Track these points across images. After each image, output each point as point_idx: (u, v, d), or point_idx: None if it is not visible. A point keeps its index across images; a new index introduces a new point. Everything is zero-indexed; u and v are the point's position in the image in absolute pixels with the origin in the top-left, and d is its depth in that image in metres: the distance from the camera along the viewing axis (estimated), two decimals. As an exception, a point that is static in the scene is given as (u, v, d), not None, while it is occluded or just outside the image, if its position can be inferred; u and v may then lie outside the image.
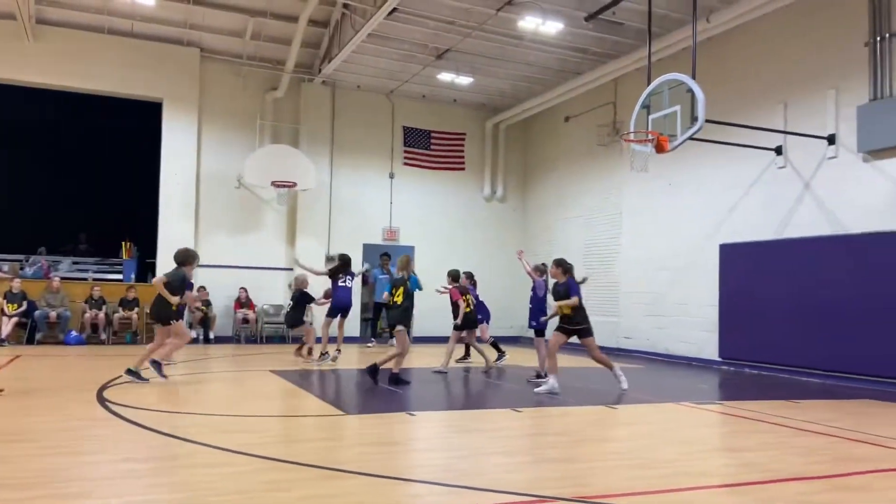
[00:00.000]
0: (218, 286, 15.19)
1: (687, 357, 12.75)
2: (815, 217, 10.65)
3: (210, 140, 15.52)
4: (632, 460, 4.98)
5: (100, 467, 4.48)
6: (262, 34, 14.83)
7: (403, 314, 8.96)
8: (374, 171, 17.02)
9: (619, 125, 14.51)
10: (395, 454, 5.16)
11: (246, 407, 7.06)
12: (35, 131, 18.30)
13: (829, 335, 10.17)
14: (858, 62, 10.06)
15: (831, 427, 6.42)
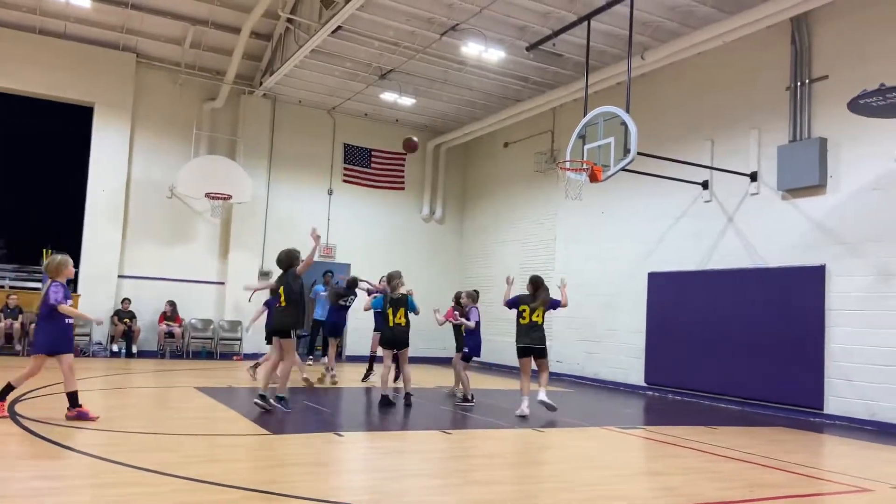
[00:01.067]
0: (144, 298, 14.68)
1: (614, 382, 13.05)
2: (737, 250, 11.15)
3: (143, 147, 15.08)
4: (556, 483, 5.06)
5: (7, 485, 4.24)
6: (202, 43, 14.57)
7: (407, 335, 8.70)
8: (313, 187, 16.86)
9: (557, 153, 14.88)
10: (322, 476, 5.08)
11: (166, 424, 6.83)
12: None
13: (746, 364, 10.61)
14: (780, 105, 10.65)
15: (746, 453, 6.68)
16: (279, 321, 8.10)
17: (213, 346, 15.26)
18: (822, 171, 9.92)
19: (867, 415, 9.11)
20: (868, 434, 8.55)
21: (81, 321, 6.69)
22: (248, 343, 15.65)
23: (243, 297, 15.51)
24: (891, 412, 8.85)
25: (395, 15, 11.93)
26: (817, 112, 10.16)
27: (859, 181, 9.55)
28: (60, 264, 6.68)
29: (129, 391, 9.46)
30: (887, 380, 8.94)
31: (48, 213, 17.91)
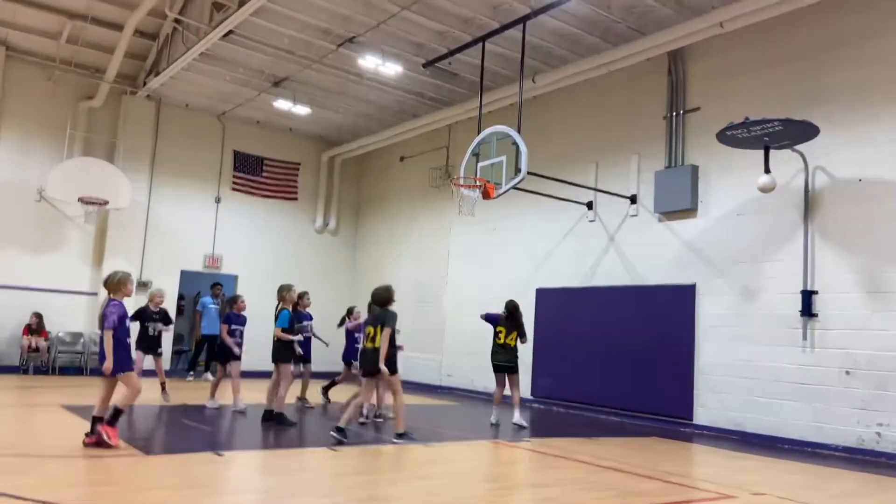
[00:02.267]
0: (5, 308, 13.51)
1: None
2: (618, 268, 11.71)
3: (9, 146, 13.93)
4: (441, 498, 5.08)
5: None
6: (80, 39, 13.68)
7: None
8: (199, 194, 16.19)
9: (451, 169, 15.08)
10: (197, 498, 4.84)
11: (28, 446, 6.29)
12: None
13: (626, 377, 11.13)
14: (658, 132, 11.33)
15: (622, 463, 6.99)
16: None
17: (83, 361, 14.26)
18: (694, 196, 10.63)
19: (732, 425, 9.77)
20: (733, 443, 9.17)
21: (106, 361, 6.18)
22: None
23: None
24: (753, 422, 9.54)
25: (290, 23, 11.72)
26: (690, 141, 10.89)
27: (726, 206, 10.30)
28: (121, 281, 6.49)
29: (-16, 411, 8.66)
30: (750, 392, 9.64)
31: None
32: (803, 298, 9.12)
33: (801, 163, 9.32)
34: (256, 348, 10.89)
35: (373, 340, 7.48)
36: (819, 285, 9.10)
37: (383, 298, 7.63)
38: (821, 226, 9.21)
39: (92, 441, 6.19)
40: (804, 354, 9.12)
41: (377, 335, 7.43)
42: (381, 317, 7.54)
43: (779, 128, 8.44)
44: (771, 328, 9.49)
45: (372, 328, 7.54)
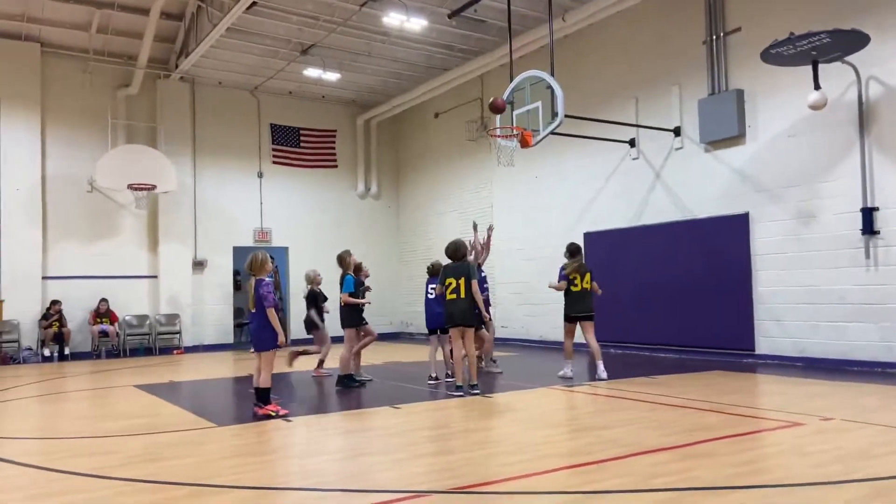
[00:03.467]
0: (72, 299, 14.11)
1: (559, 342, 13.29)
2: (666, 204, 11.46)
3: (56, 141, 14.35)
4: (503, 447, 5.15)
5: (-69, 509, 4.05)
6: (109, 27, 13.86)
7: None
8: (242, 171, 16.43)
9: (487, 120, 14.88)
10: (270, 463, 5.02)
11: (107, 426, 6.61)
12: None
13: (682, 313, 11.00)
14: (698, 59, 10.90)
15: (685, 399, 6.95)
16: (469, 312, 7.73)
17: (151, 342, 14.85)
18: (741, 122, 10.25)
19: (795, 352, 9.59)
20: (798, 370, 9.01)
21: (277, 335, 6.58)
22: (188, 336, 15.31)
23: (179, 290, 15.14)
24: (818, 347, 9.35)
25: (312, -12, 11.60)
26: (733, 64, 10.45)
27: (775, 129, 9.91)
28: (263, 262, 6.79)
29: (65, 395, 9.12)
30: (812, 317, 9.42)
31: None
32: (864, 216, 8.78)
33: (853, 75, 8.87)
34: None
35: (455, 292, 7.65)
36: (879, 201, 8.75)
37: (461, 252, 7.86)
38: (878, 139, 8.79)
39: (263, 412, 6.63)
40: (868, 274, 8.84)
41: (461, 287, 7.63)
42: (462, 269, 7.73)
43: (826, 40, 8.01)
44: (831, 250, 9.20)
45: (454, 280, 7.68)
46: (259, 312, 6.66)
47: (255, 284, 6.70)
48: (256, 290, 6.66)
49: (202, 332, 15.66)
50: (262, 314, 6.63)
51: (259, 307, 6.64)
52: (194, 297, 15.53)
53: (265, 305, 6.60)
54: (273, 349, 6.72)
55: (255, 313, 6.70)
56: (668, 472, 4.28)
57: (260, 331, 6.70)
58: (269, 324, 6.63)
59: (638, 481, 4.09)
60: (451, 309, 7.78)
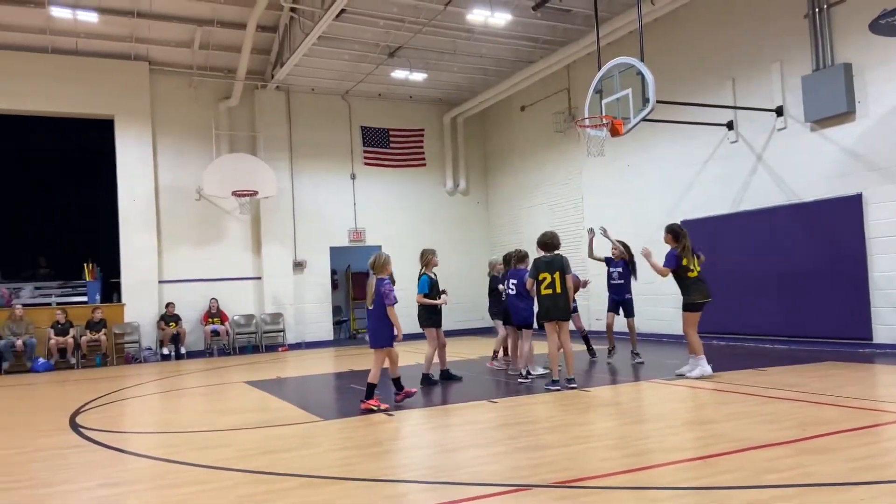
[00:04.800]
0: (186, 301, 15.02)
1: (656, 334, 12.98)
2: (769, 188, 10.92)
3: (166, 153, 15.31)
4: (605, 441, 5.09)
5: (74, 496, 4.43)
6: (210, 43, 14.64)
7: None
8: (335, 174, 16.96)
9: (575, 111, 14.68)
10: (376, 456, 5.19)
11: (222, 421, 7.03)
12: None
13: (790, 302, 10.46)
14: (799, 34, 10.33)
15: (796, 392, 6.63)
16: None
17: (258, 340, 15.59)
18: (850, 98, 9.63)
19: (919, 341, 8.94)
20: (921, 360, 8.40)
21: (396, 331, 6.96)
22: (291, 334, 15.96)
23: (282, 290, 15.80)
24: (943, 336, 8.67)
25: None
26: (839, 38, 9.83)
27: (889, 103, 9.25)
28: (386, 262, 7.02)
29: (183, 392, 9.74)
30: (937, 303, 8.74)
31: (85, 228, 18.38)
32: None
33: (978, 39, 8.15)
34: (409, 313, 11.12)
35: (551, 287, 7.54)
36: None
37: (555, 244, 7.73)
38: None
39: (401, 397, 7.08)
40: None
41: (556, 282, 7.52)
42: (556, 262, 7.60)
43: (946, 4, 7.40)
44: (958, 231, 8.50)
45: (549, 275, 7.57)
46: (377, 310, 6.88)
47: (376, 283, 6.91)
48: (377, 288, 6.87)
49: (304, 329, 16.30)
50: (381, 311, 6.86)
51: (379, 305, 6.86)
52: (295, 296, 16.18)
53: (386, 303, 6.82)
54: (387, 346, 6.98)
55: (374, 310, 6.93)
56: (782, 467, 4.12)
57: (378, 328, 6.95)
58: (387, 321, 6.85)
59: (750, 476, 3.96)
60: (548, 303, 7.66)
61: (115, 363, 14.03)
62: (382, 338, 6.95)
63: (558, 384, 7.59)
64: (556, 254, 7.74)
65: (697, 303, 7.91)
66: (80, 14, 12.36)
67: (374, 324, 6.98)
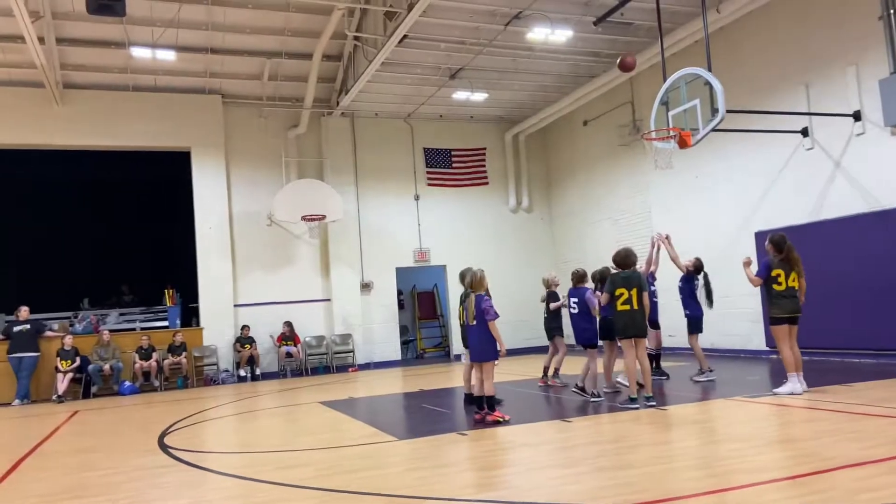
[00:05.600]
0: (260, 323, 15.47)
1: (733, 350, 12.58)
2: (849, 195, 10.50)
3: (239, 181, 15.90)
4: (687, 461, 4.98)
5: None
6: (279, 74, 15.19)
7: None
8: (400, 195, 17.22)
9: (640, 123, 14.49)
10: (451, 475, 5.22)
11: (300, 441, 7.20)
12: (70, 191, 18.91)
13: (877, 313, 9.98)
14: (874, 36, 9.95)
15: (887, 408, 6.32)
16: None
17: (329, 361, 15.88)
18: (933, 99, 9.19)
19: None
20: None
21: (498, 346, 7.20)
22: (360, 354, 16.20)
23: (350, 311, 16.09)
24: None
25: (458, 14, 12.02)
26: (919, 37, 9.42)
27: (979, 102, 8.78)
28: (482, 278, 7.31)
29: (260, 413, 10.01)
30: None
31: (164, 255, 19.23)
32: None
33: None
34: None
35: (628, 303, 7.55)
36: None
37: (631, 260, 7.76)
38: None
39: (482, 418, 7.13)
40: None
41: (633, 298, 7.53)
42: (634, 279, 7.63)
43: None
44: None
45: (626, 290, 7.56)
46: (480, 325, 7.11)
47: (476, 300, 7.17)
48: (478, 304, 7.14)
49: (372, 350, 16.53)
50: (483, 327, 7.08)
51: (480, 321, 7.09)
52: (363, 316, 16.45)
53: (487, 319, 7.05)
54: (493, 360, 7.16)
55: (475, 326, 7.17)
56: (875, 486, 3.93)
57: (481, 343, 7.16)
58: (490, 336, 7.07)
59: (842, 496, 3.80)
60: (625, 319, 7.61)
61: (195, 385, 14.56)
62: (486, 352, 7.15)
63: (637, 402, 7.47)
64: (633, 270, 7.75)
65: (775, 317, 7.75)
66: (159, 53, 13.05)
67: (477, 339, 7.21)
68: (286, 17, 13.36)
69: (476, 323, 7.15)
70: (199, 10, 12.68)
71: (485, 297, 7.18)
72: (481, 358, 7.21)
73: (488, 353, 7.14)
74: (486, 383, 7.15)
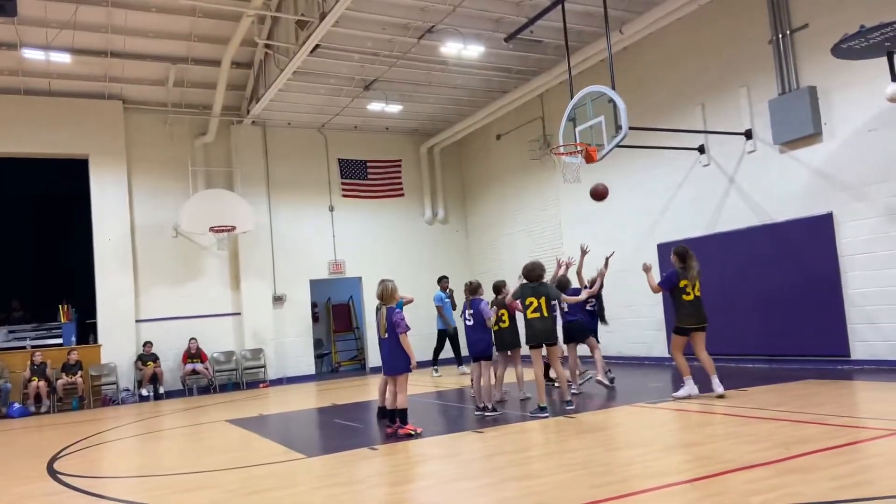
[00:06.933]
0: (164, 339, 14.81)
1: (638, 357, 13.06)
2: (742, 209, 11.13)
3: (142, 191, 15.21)
4: (591, 469, 5.09)
5: (55, 547, 4.32)
6: (185, 80, 14.68)
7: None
8: (314, 207, 16.95)
9: (550, 138, 14.88)
10: (361, 492, 5.13)
11: (205, 461, 6.91)
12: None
13: (767, 321, 10.60)
14: (764, 59, 10.62)
15: (777, 411, 6.69)
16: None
17: (239, 377, 15.38)
18: (816, 120, 9.89)
19: (895, 355, 9.08)
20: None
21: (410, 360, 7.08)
22: (272, 369, 15.78)
23: (262, 325, 15.65)
24: (918, 350, 8.82)
25: (371, 26, 12.00)
26: (803, 62, 10.13)
27: (854, 124, 9.52)
28: (394, 290, 7.22)
29: (163, 433, 9.56)
30: (910, 318, 8.90)
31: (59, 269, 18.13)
32: (959, 209, 8.28)
33: (934, 61, 8.43)
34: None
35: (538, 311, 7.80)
36: (976, 192, 8.23)
37: (537, 273, 7.96)
38: (969, 126, 8.30)
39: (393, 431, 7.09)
40: (970, 270, 8.30)
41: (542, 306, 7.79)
42: (543, 288, 7.89)
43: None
44: (926, 247, 8.70)
45: (535, 299, 7.82)
46: (391, 338, 7.07)
47: (387, 312, 7.11)
48: (389, 317, 7.07)
49: (285, 364, 16.13)
50: (394, 340, 7.05)
51: (391, 333, 7.05)
52: (276, 331, 16.05)
53: (398, 332, 7.01)
54: (406, 372, 7.12)
55: (387, 339, 7.11)
56: (766, 488, 4.14)
57: (393, 356, 7.12)
58: (402, 349, 7.03)
59: (735, 499, 3.98)
60: (537, 327, 7.80)
61: (92, 406, 13.75)
62: (399, 365, 7.11)
63: (547, 411, 7.60)
64: (541, 281, 7.97)
65: (685, 327, 8.07)
66: (53, 55, 12.33)
67: (388, 352, 7.17)
68: (192, 22, 12.93)
69: (388, 336, 7.12)
70: (97, 12, 12.09)
71: (396, 311, 7.15)
72: (394, 371, 7.17)
73: (401, 366, 7.10)
74: (400, 396, 7.12)
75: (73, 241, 16.14)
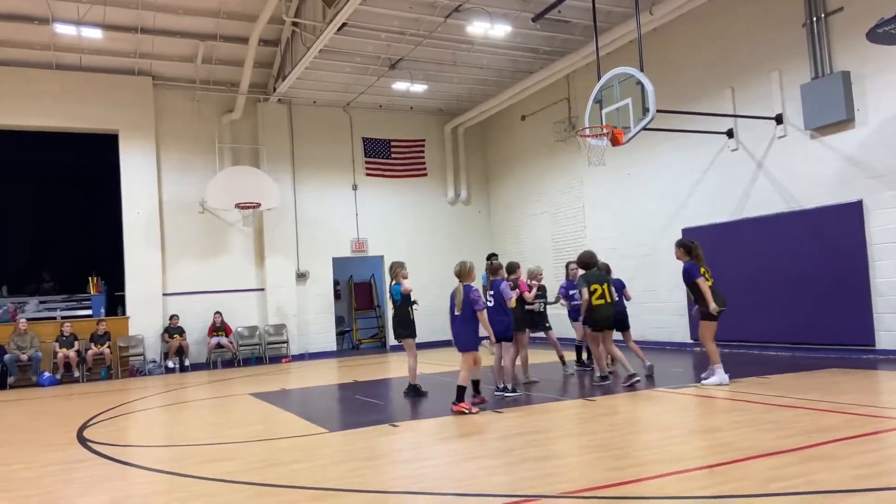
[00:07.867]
0: (190, 313, 15.06)
1: (659, 342, 13.01)
2: (770, 195, 10.98)
3: (170, 167, 15.40)
4: (610, 451, 5.12)
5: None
6: (213, 58, 14.76)
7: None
8: (338, 185, 17.03)
9: (575, 120, 14.76)
10: (381, 467, 5.22)
11: (228, 433, 7.06)
12: (-13, 173, 17.92)
13: (792, 309, 10.49)
14: (798, 43, 10.40)
15: (800, 399, 6.66)
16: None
17: (262, 352, 15.62)
18: (849, 105, 9.69)
19: (922, 347, 8.96)
20: (924, 366, 8.41)
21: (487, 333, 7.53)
22: (295, 345, 15.99)
23: (285, 301, 15.85)
24: (946, 341, 8.69)
25: (398, 4, 11.94)
26: (837, 46, 9.91)
27: (888, 110, 9.32)
28: (471, 269, 7.41)
29: (189, 405, 9.77)
30: (939, 309, 8.76)
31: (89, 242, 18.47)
32: None
33: (976, 46, 8.21)
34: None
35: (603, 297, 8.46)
36: None
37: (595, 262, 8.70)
38: None
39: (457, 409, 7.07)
40: None
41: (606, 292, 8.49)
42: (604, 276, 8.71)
43: (941, 13, 7.47)
44: (959, 237, 8.53)
45: (599, 286, 8.46)
46: (465, 315, 7.20)
47: (463, 289, 7.24)
48: (466, 294, 7.20)
49: (307, 340, 16.33)
50: (468, 316, 7.19)
51: (468, 310, 7.18)
52: (299, 307, 16.23)
53: (475, 309, 7.16)
54: (475, 350, 7.25)
55: (461, 316, 7.24)
56: (787, 475, 4.14)
57: (464, 333, 7.26)
58: (474, 325, 7.21)
59: (755, 485, 3.99)
60: (604, 312, 8.45)
61: (119, 376, 14.07)
62: (469, 342, 7.25)
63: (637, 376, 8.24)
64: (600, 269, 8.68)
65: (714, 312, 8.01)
66: (85, 30, 12.47)
67: (460, 328, 7.30)
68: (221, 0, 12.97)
69: (462, 312, 7.22)
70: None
71: (473, 288, 7.28)
72: (465, 347, 7.28)
73: (470, 343, 7.26)
74: (463, 373, 7.21)
75: (102, 214, 16.41)
